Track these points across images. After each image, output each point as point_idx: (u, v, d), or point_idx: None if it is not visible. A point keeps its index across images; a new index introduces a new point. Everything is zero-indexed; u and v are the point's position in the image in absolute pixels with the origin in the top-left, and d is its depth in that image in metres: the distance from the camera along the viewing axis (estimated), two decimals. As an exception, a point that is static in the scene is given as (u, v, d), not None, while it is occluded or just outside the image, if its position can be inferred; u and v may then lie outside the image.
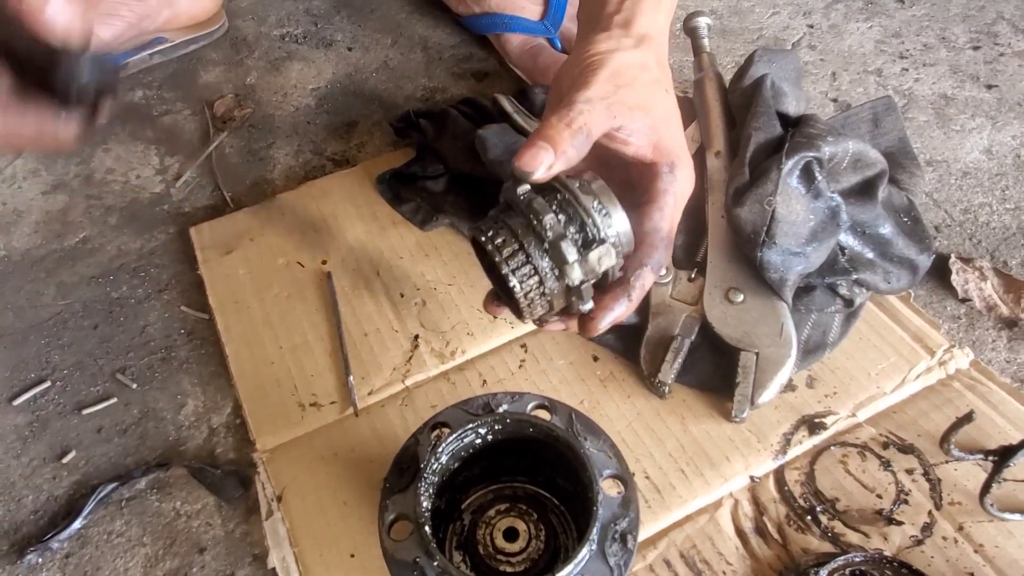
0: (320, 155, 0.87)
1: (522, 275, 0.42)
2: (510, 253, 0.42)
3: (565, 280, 0.42)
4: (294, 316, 0.69)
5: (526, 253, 0.41)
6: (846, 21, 1.00)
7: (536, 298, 0.43)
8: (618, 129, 0.45)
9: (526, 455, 0.52)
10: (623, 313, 0.45)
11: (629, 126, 0.45)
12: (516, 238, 0.42)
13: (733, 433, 0.60)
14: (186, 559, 0.57)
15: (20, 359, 0.69)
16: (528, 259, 0.41)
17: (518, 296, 0.42)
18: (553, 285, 0.42)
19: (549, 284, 0.42)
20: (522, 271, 0.42)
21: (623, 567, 0.44)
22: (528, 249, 0.41)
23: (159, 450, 0.63)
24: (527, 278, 0.42)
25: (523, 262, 0.41)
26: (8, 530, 0.59)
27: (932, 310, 0.69)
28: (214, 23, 1.00)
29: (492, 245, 0.42)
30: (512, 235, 0.42)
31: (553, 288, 0.42)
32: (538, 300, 0.43)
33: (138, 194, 0.83)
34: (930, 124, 0.86)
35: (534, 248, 0.41)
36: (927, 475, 0.57)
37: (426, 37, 1.01)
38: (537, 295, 0.42)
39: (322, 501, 0.57)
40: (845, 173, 0.65)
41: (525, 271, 0.42)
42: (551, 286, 0.42)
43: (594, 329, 0.45)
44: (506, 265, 0.42)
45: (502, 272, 0.42)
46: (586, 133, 0.43)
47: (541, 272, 0.42)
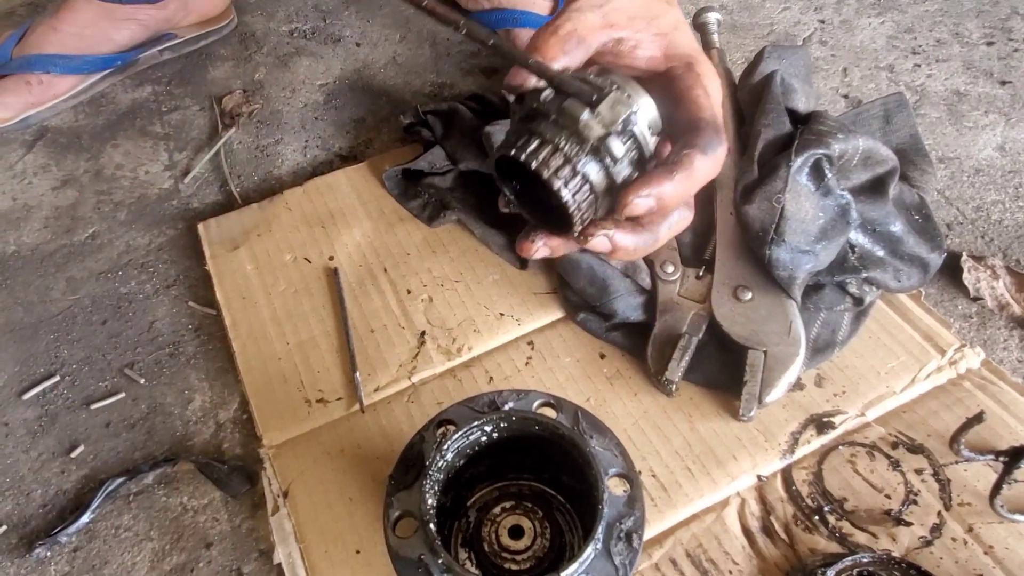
0: (328, 151, 0.87)
1: (566, 176, 0.39)
2: (547, 157, 0.39)
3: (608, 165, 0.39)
4: (301, 312, 0.69)
5: (565, 155, 0.39)
6: (858, 16, 0.99)
7: (584, 201, 0.40)
8: (620, 42, 0.43)
9: (532, 453, 0.52)
10: (670, 195, 0.40)
11: (632, 37, 0.43)
12: (549, 143, 0.39)
13: (740, 432, 0.59)
14: (193, 554, 0.57)
15: (29, 354, 0.69)
16: (568, 160, 0.39)
17: (567, 201, 0.39)
18: (599, 178, 0.40)
19: (595, 178, 0.39)
20: (564, 173, 0.39)
21: (628, 566, 0.44)
22: (566, 150, 0.39)
23: (166, 445, 0.63)
24: (571, 178, 0.39)
25: (562, 163, 0.39)
26: (17, 523, 0.59)
27: (943, 309, 0.68)
28: (223, 19, 1.00)
29: (530, 157, 0.39)
30: (545, 141, 0.39)
31: (600, 183, 0.40)
32: (586, 202, 0.40)
33: (147, 190, 0.84)
34: (942, 120, 0.85)
35: (571, 147, 0.39)
36: (936, 475, 0.57)
37: (434, 33, 1.01)
38: (584, 197, 0.40)
39: (328, 497, 0.57)
40: (855, 170, 0.64)
41: (566, 172, 0.39)
42: (597, 180, 0.40)
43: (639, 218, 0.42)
44: (547, 169, 0.39)
45: (545, 177, 0.39)
46: (577, 39, 0.41)
47: (583, 169, 0.39)
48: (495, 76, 0.95)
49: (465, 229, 0.74)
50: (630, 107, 0.40)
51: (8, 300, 0.74)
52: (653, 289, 0.65)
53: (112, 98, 0.94)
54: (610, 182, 0.40)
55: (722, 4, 1.02)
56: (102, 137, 0.90)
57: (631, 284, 0.65)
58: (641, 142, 0.41)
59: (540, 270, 0.70)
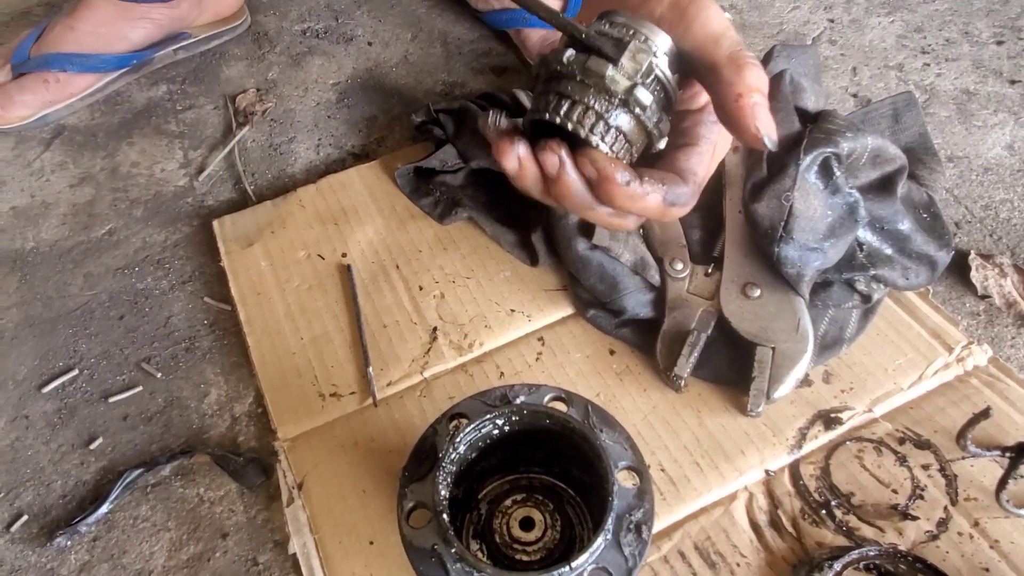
0: (340, 149, 0.88)
1: (600, 132, 0.40)
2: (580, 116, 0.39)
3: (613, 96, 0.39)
4: (315, 308, 0.70)
5: (596, 112, 0.39)
6: (867, 16, 1.00)
7: (621, 151, 0.41)
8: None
9: (542, 446, 0.53)
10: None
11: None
12: (580, 102, 0.40)
13: (748, 427, 0.60)
14: (209, 544, 0.58)
15: (49, 348, 0.71)
16: (600, 116, 0.39)
17: (606, 153, 0.40)
18: (631, 128, 0.40)
19: (627, 128, 0.40)
20: (599, 128, 0.40)
21: (638, 557, 0.45)
22: (596, 107, 0.39)
23: (183, 438, 0.64)
24: (606, 132, 0.40)
25: (595, 120, 0.39)
26: (38, 513, 0.60)
27: (951, 307, 0.69)
28: (237, 19, 1.02)
29: (565, 118, 0.40)
30: (576, 102, 0.40)
31: (633, 132, 0.40)
32: (623, 151, 0.41)
33: (162, 187, 0.85)
34: (951, 119, 0.85)
35: (601, 103, 0.39)
36: (943, 471, 0.57)
37: (446, 32, 1.02)
38: (621, 147, 0.40)
39: (342, 489, 0.58)
40: (864, 169, 0.65)
41: (600, 128, 0.40)
42: (630, 129, 0.40)
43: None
44: (582, 128, 0.39)
45: (582, 136, 0.40)
46: None
47: (616, 123, 0.40)
48: (505, 75, 0.96)
49: (476, 227, 0.74)
50: (651, 53, 0.40)
51: (27, 295, 0.75)
52: (662, 286, 0.66)
53: (128, 97, 0.96)
54: (643, 129, 0.41)
55: (732, 3, 1.03)
56: (118, 135, 0.91)
57: (640, 281, 0.66)
58: (665, 83, 0.41)
59: (550, 267, 0.71)
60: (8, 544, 0.59)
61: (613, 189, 0.39)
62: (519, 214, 0.74)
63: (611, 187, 0.39)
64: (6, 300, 0.75)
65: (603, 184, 0.40)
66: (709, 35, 0.41)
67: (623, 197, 0.40)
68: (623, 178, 0.40)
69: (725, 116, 0.41)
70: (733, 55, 0.41)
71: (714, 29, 0.41)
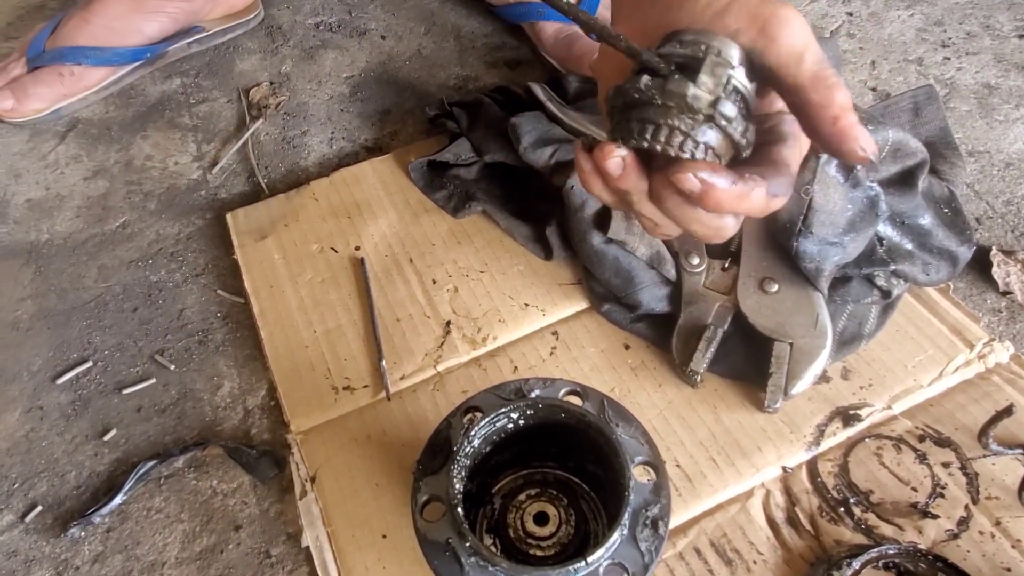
0: (353, 143, 0.87)
1: (691, 149, 0.39)
2: (668, 137, 0.39)
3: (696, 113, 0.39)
4: (328, 301, 0.69)
5: (683, 132, 0.39)
6: (887, 9, 0.98)
7: (697, 151, 0.40)
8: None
9: (557, 441, 0.52)
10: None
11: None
12: (667, 125, 0.39)
13: (766, 423, 0.59)
14: (222, 536, 0.58)
15: (63, 340, 0.71)
16: (687, 135, 0.39)
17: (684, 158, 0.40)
18: (694, 127, 0.40)
19: (690, 129, 0.39)
20: (688, 146, 0.39)
21: (654, 552, 0.44)
22: (683, 127, 0.39)
23: (196, 430, 0.64)
24: (695, 148, 0.39)
25: (683, 139, 0.39)
26: (52, 504, 0.60)
27: (972, 303, 0.68)
28: (250, 12, 1.01)
29: (654, 141, 0.40)
30: (661, 125, 0.40)
31: (700, 131, 0.40)
32: (701, 153, 0.40)
33: (176, 180, 0.85)
34: (972, 114, 0.84)
35: (687, 123, 0.39)
36: (964, 469, 0.56)
37: (459, 26, 1.01)
38: (695, 147, 0.40)
39: (355, 482, 0.58)
40: (885, 162, 0.64)
41: (690, 145, 0.39)
42: (693, 129, 0.39)
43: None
44: (671, 148, 0.39)
45: (673, 155, 0.39)
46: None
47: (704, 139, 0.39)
48: (519, 68, 0.95)
49: (490, 220, 0.74)
50: (728, 65, 0.40)
51: (42, 287, 0.75)
52: (678, 280, 0.65)
53: (141, 90, 0.96)
54: (731, 141, 0.41)
55: (748, -3, 1.01)
56: (132, 128, 0.91)
57: (656, 275, 0.65)
58: (745, 94, 0.41)
59: (565, 261, 0.71)
60: (23, 534, 0.59)
61: (719, 194, 0.39)
62: (533, 208, 0.73)
63: (717, 193, 0.39)
64: (21, 292, 0.75)
65: (710, 194, 0.39)
66: (792, 53, 0.40)
67: (731, 199, 0.40)
68: (726, 181, 0.39)
69: (821, 137, 0.41)
70: (819, 75, 0.40)
71: (797, 46, 0.40)
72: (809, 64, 0.41)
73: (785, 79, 0.41)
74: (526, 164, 0.71)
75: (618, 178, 0.42)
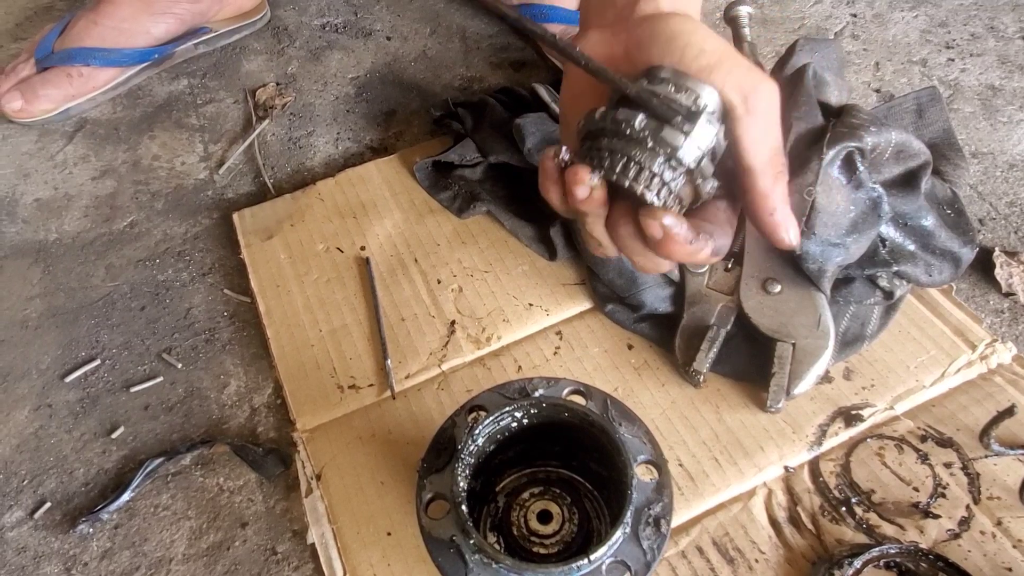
0: (359, 143, 0.88)
1: (645, 182, 0.42)
2: (622, 168, 0.42)
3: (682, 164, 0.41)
4: (333, 300, 0.70)
5: (638, 163, 0.41)
6: (891, 10, 0.98)
7: (668, 199, 0.42)
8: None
9: (561, 440, 0.53)
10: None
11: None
12: (623, 154, 0.42)
13: (768, 423, 0.60)
14: (229, 533, 0.59)
15: (71, 338, 0.71)
16: (642, 167, 0.41)
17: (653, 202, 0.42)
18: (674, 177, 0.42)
19: (669, 179, 0.42)
20: (643, 179, 0.41)
21: (656, 551, 0.45)
22: (639, 159, 0.41)
23: (203, 428, 0.65)
24: (650, 182, 0.42)
25: (638, 171, 0.41)
26: (61, 501, 0.61)
27: (974, 304, 0.68)
28: (256, 13, 1.02)
29: (621, 176, 0.42)
30: (618, 154, 0.42)
31: (677, 181, 0.42)
32: (671, 201, 0.43)
33: (183, 180, 0.86)
34: (976, 115, 0.84)
35: (643, 155, 0.41)
36: (966, 469, 0.56)
37: (464, 27, 1.02)
38: (668, 196, 0.42)
39: (360, 480, 0.59)
40: (887, 164, 0.64)
41: (644, 177, 0.41)
42: (672, 179, 0.42)
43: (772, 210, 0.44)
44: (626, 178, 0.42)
45: (638, 193, 0.42)
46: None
47: (659, 171, 0.41)
48: (524, 70, 0.95)
49: (495, 220, 0.74)
50: (716, 123, 0.42)
51: (50, 286, 0.76)
52: (681, 281, 0.65)
53: (149, 91, 0.96)
54: (697, 191, 0.43)
55: (752, -2, 1.02)
56: (139, 129, 0.92)
57: (659, 276, 0.65)
58: (719, 150, 0.43)
59: (568, 262, 0.71)
60: (32, 530, 0.60)
61: (675, 246, 0.42)
62: (538, 209, 0.74)
63: (673, 244, 0.42)
64: (30, 291, 0.76)
65: (667, 243, 0.42)
66: (760, 134, 0.43)
67: (683, 252, 0.43)
68: (685, 236, 0.42)
69: (755, 218, 0.45)
70: (771, 162, 0.44)
71: (767, 127, 0.43)
72: (768, 150, 0.44)
73: (744, 155, 0.44)
74: (531, 165, 0.72)
75: (582, 201, 0.43)
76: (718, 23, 0.98)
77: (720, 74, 0.42)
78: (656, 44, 0.44)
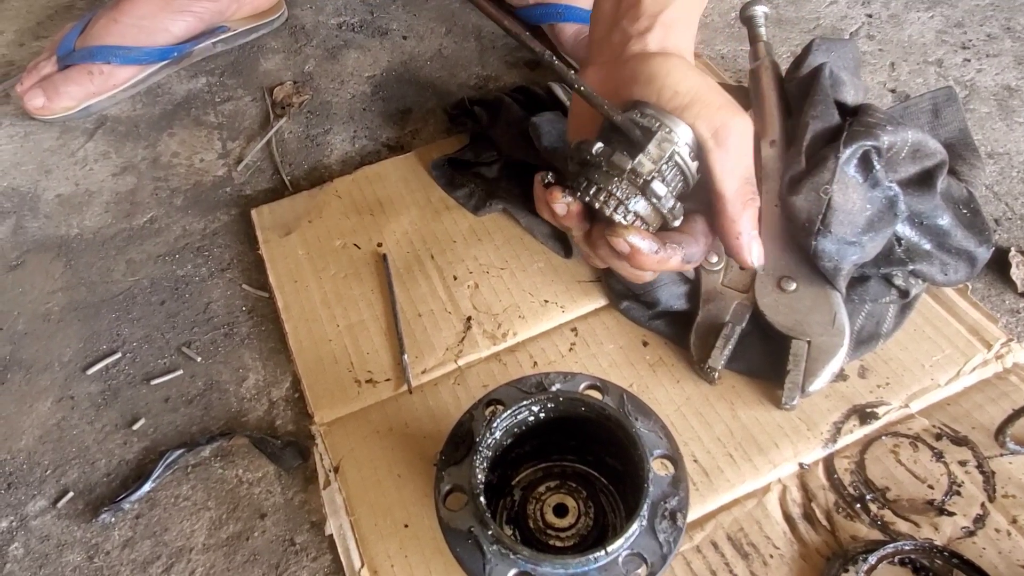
0: (375, 141, 0.89)
1: (622, 212, 0.50)
2: (605, 199, 0.50)
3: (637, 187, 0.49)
4: (351, 296, 0.71)
5: (618, 199, 0.49)
6: (906, 10, 0.98)
7: (629, 218, 0.50)
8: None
9: (577, 434, 0.53)
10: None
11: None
12: (591, 180, 0.50)
13: (782, 420, 0.60)
14: (248, 523, 0.59)
15: (93, 331, 0.73)
16: (621, 202, 0.49)
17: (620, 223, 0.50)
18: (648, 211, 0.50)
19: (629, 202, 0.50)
20: (620, 210, 0.50)
21: (672, 544, 0.45)
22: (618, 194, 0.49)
23: (222, 420, 0.66)
24: (615, 206, 0.50)
25: (617, 205, 0.50)
26: (83, 491, 0.62)
27: (990, 303, 0.68)
28: (274, 12, 1.03)
29: (592, 199, 0.50)
30: (588, 179, 0.50)
31: (636, 203, 0.50)
32: (631, 219, 0.50)
33: (202, 177, 0.87)
34: (992, 116, 0.84)
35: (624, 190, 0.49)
36: (981, 467, 0.57)
37: (480, 26, 1.02)
38: (628, 215, 0.50)
39: (377, 473, 0.59)
40: (904, 163, 0.64)
41: (621, 210, 0.50)
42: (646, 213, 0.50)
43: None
44: (607, 208, 0.50)
45: (607, 215, 0.50)
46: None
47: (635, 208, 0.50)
48: (539, 69, 0.96)
49: (511, 218, 0.75)
50: (673, 143, 0.49)
51: (73, 280, 0.77)
52: (697, 278, 0.66)
53: (168, 89, 0.98)
54: (659, 213, 0.51)
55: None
56: (159, 126, 0.93)
57: (675, 273, 0.66)
58: (684, 170, 0.51)
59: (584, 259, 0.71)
60: (55, 519, 0.61)
61: (643, 258, 0.49)
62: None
63: (641, 256, 0.49)
64: (52, 285, 0.77)
65: (635, 255, 0.49)
66: (729, 166, 0.50)
67: (652, 263, 0.50)
68: (650, 248, 0.49)
69: (724, 240, 0.53)
70: (740, 191, 0.51)
71: (736, 159, 0.51)
72: (737, 180, 0.51)
73: (716, 184, 0.51)
74: (546, 163, 0.72)
75: (562, 217, 0.52)
76: (734, 23, 0.98)
77: (692, 112, 0.49)
78: (637, 84, 0.51)
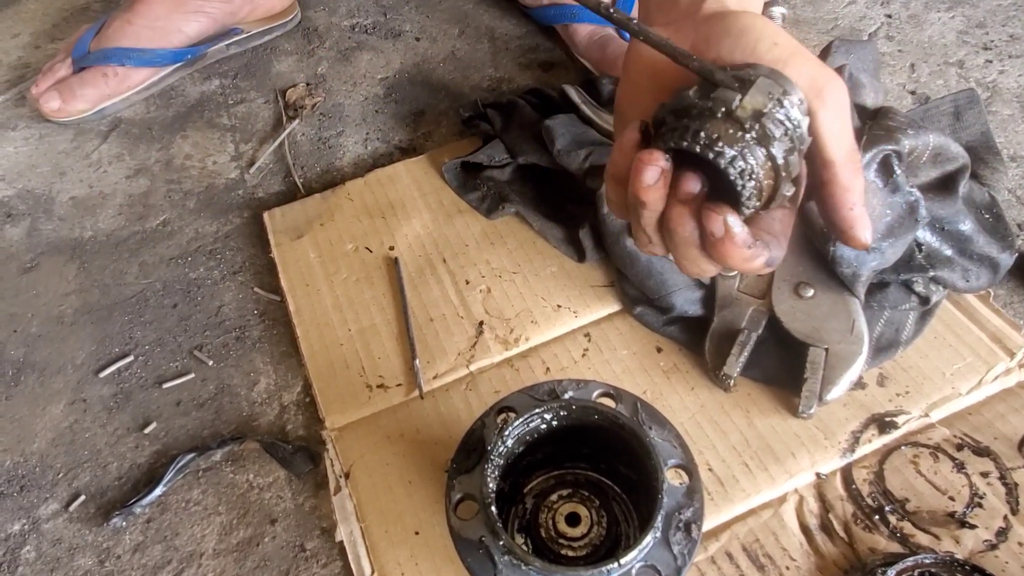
0: (388, 143, 0.88)
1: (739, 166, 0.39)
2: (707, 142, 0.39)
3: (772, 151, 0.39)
4: (362, 300, 0.70)
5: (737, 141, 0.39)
6: (927, 11, 0.97)
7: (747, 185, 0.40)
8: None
9: (589, 442, 0.52)
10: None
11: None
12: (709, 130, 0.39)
13: (799, 429, 0.59)
14: (258, 529, 0.59)
15: (105, 334, 0.73)
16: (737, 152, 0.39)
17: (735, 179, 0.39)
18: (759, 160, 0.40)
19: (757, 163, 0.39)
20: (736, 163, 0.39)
21: (687, 556, 0.44)
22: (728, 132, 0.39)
23: (233, 424, 0.65)
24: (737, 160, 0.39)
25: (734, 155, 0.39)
26: (95, 494, 0.62)
27: (1013, 310, 0.66)
28: (287, 14, 1.03)
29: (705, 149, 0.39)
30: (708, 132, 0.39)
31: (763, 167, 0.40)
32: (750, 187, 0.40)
33: (214, 180, 0.87)
34: (1015, 118, 0.83)
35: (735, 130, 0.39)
36: (1003, 479, 0.55)
37: (493, 28, 1.02)
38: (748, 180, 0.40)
39: (388, 479, 0.59)
40: (924, 167, 0.63)
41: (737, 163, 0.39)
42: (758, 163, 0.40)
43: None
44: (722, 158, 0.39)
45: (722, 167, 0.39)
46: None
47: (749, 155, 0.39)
48: (553, 71, 0.95)
49: (523, 222, 0.74)
50: (786, 93, 0.40)
51: (85, 283, 0.77)
52: (712, 284, 0.65)
53: (181, 91, 0.98)
54: (773, 170, 0.41)
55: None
56: (172, 128, 0.93)
57: (689, 278, 0.65)
58: (793, 131, 0.41)
59: (597, 263, 0.71)
60: (66, 523, 0.61)
61: (730, 248, 0.40)
62: (566, 210, 0.73)
63: (730, 246, 0.40)
64: (65, 287, 0.77)
65: (723, 244, 0.40)
66: (837, 127, 0.41)
67: (736, 256, 0.40)
68: (743, 240, 0.40)
69: (833, 213, 0.43)
70: (851, 155, 0.42)
71: (843, 121, 0.42)
72: (848, 142, 0.42)
73: (824, 149, 0.42)
74: (560, 166, 0.71)
75: (646, 188, 0.41)
76: (749, 24, 0.97)
77: (792, 70, 0.41)
78: (727, 38, 0.43)
